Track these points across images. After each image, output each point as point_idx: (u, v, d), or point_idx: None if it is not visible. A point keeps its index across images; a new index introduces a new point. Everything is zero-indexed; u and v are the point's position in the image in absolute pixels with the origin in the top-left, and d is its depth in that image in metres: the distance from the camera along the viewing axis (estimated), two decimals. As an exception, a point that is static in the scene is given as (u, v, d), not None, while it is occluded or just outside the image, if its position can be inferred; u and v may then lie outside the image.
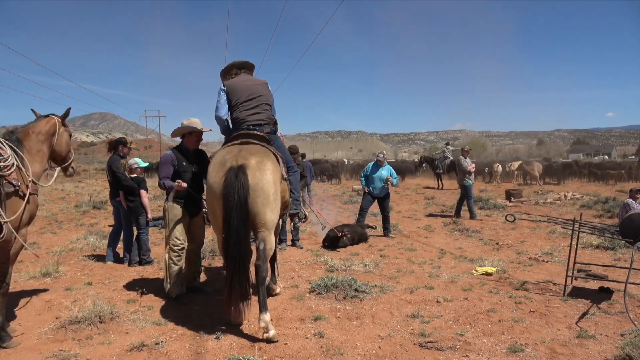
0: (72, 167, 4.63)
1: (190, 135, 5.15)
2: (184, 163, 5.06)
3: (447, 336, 3.96)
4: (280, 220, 5.24)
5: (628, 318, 4.17)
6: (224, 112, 4.71)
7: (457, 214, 11.49)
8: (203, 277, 6.14)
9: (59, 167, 4.58)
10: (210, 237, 7.53)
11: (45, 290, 5.46)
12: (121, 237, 7.09)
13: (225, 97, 4.68)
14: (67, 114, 4.45)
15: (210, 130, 5.30)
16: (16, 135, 4.01)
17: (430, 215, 12.37)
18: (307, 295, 5.17)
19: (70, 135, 4.57)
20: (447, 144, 25.84)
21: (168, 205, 5.06)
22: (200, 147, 5.37)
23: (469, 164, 11.47)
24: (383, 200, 9.06)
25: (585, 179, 25.17)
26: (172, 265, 4.99)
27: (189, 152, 5.16)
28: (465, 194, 11.38)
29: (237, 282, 3.83)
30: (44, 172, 4.27)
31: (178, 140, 5.28)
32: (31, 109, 4.43)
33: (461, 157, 11.85)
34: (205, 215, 5.29)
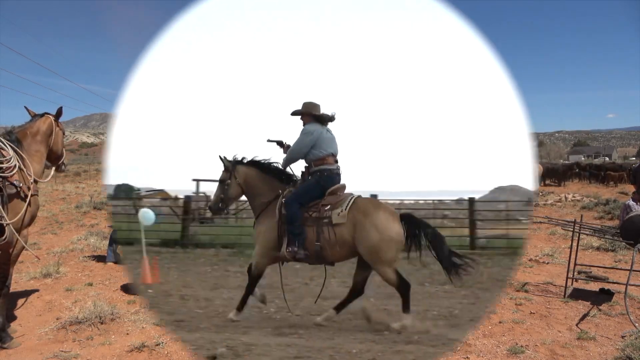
0: (64, 164, 4.66)
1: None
2: None
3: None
4: None
5: (628, 320, 4.17)
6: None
7: None
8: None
9: (54, 166, 4.57)
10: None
11: (45, 290, 5.47)
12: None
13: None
14: (60, 112, 4.43)
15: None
16: (15, 136, 4.01)
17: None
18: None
19: (63, 133, 4.57)
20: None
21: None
22: None
23: None
24: None
25: (586, 180, 25.15)
26: None
27: None
28: None
29: None
30: (42, 172, 4.29)
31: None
32: (25, 107, 4.39)
33: None
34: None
